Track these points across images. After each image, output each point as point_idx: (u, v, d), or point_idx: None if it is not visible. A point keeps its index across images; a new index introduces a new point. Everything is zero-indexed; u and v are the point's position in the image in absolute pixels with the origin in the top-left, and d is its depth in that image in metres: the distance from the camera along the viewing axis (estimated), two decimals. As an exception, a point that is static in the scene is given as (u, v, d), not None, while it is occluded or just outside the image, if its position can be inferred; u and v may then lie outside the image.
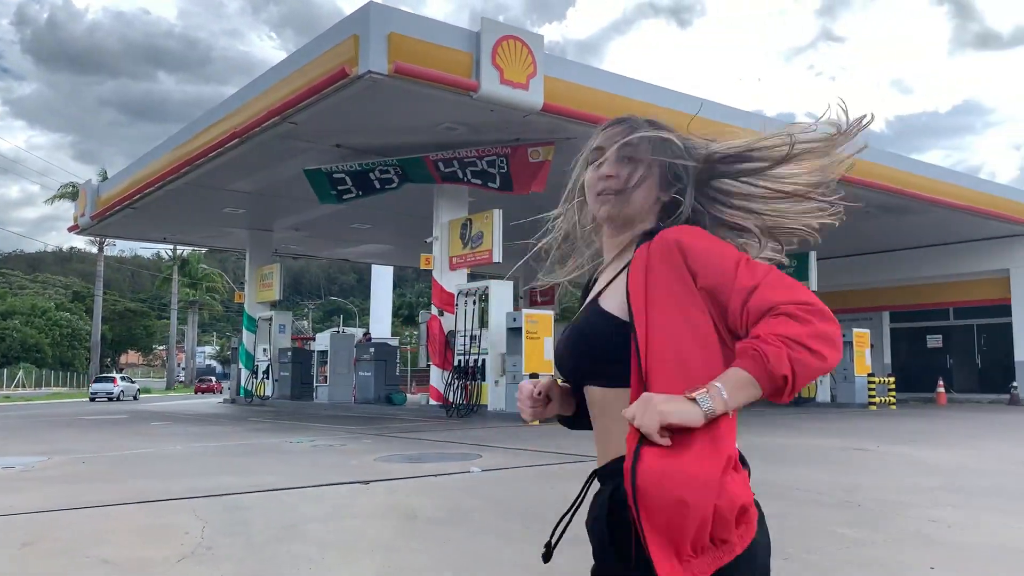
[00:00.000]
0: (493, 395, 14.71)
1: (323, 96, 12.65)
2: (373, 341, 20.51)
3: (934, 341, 26.77)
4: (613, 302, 1.39)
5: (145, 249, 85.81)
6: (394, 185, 15.62)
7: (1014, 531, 5.36)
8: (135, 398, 36.72)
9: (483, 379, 14.85)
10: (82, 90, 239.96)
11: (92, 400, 34.13)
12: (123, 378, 39.95)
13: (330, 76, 12.16)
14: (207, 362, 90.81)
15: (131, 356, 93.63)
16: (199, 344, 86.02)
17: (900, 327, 27.36)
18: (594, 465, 1.51)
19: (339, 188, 15.85)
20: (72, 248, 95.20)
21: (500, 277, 17.12)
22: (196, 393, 47.58)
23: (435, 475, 7.27)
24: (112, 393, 35.09)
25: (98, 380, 37.65)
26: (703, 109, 11.88)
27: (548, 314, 14.98)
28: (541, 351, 14.14)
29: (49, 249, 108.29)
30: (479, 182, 15.11)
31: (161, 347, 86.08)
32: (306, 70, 13.03)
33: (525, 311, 14.50)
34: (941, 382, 22.38)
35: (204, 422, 15.98)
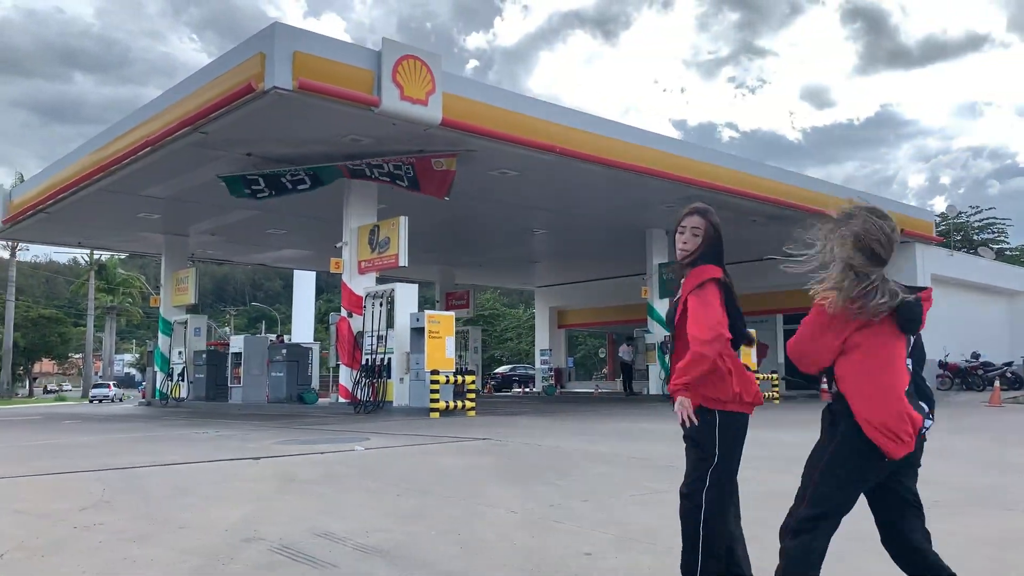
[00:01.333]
0: (398, 391, 15.60)
1: (232, 108, 13.35)
2: (285, 343, 21.16)
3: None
4: None
5: (60, 254, 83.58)
6: (306, 185, 16.39)
7: (783, 485, 6.54)
8: (121, 400, 43.06)
9: (389, 376, 15.73)
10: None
11: (90, 402, 41.33)
12: (116, 385, 51.60)
13: (238, 90, 12.90)
14: (126, 370, 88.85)
15: (45, 364, 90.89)
16: (118, 352, 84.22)
17: (792, 328, 29.22)
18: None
19: (253, 188, 16.55)
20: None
21: (409, 281, 18.08)
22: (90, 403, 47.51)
23: (321, 452, 8.18)
24: (109, 396, 44.01)
25: (97, 386, 47.28)
26: (594, 125, 13.21)
27: (449, 315, 15.98)
28: (443, 349, 15.12)
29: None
30: (388, 179, 16.01)
31: (78, 355, 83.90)
32: (216, 83, 13.73)
33: (427, 312, 15.45)
34: (824, 380, 24.06)
35: (117, 421, 16.43)
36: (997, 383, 20.22)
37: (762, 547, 3.42)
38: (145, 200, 19.41)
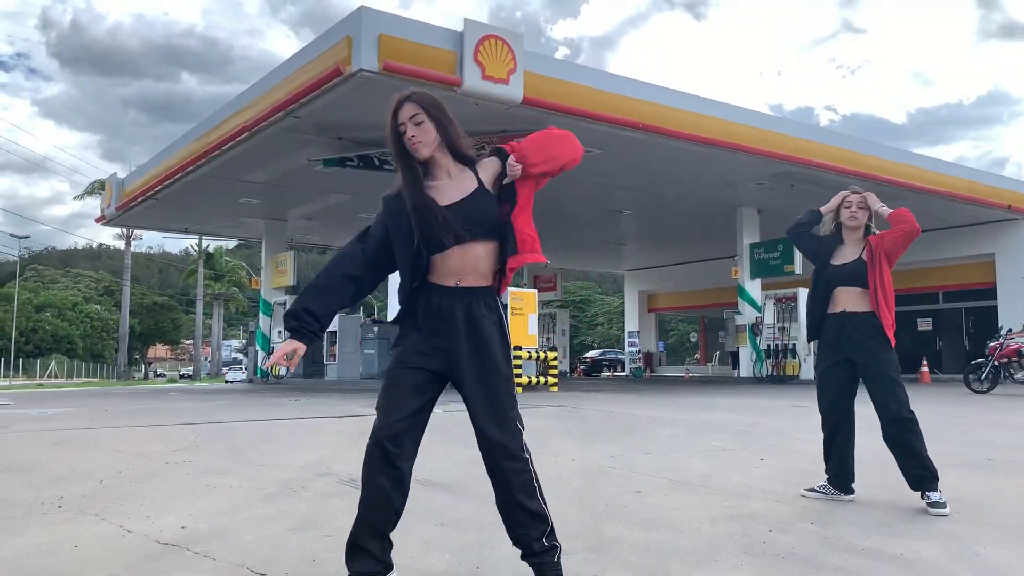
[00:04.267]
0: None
1: (322, 92, 13.85)
2: (376, 321, 21.81)
3: (924, 324, 27.61)
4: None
5: (171, 242, 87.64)
6: (392, 168, 16.85)
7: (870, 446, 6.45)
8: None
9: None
10: (107, 91, 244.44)
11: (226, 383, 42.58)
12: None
13: (327, 74, 13.36)
14: (233, 355, 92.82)
15: (159, 350, 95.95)
16: (225, 338, 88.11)
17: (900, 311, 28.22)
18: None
19: (344, 161, 17.10)
20: (101, 244, 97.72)
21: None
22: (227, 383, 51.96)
23: (401, 414, 8.48)
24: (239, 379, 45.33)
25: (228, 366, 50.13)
26: (680, 101, 13.16)
27: (531, 292, 16.18)
28: (525, 325, 15.32)
29: (80, 245, 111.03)
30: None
31: (188, 341, 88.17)
32: (307, 68, 14.24)
33: (510, 289, 15.67)
34: (925, 362, 23.21)
35: (218, 393, 17.32)
36: None
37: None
38: (245, 185, 20.28)
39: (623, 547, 3.13)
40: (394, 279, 2.88)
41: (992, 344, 16.16)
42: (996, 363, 15.47)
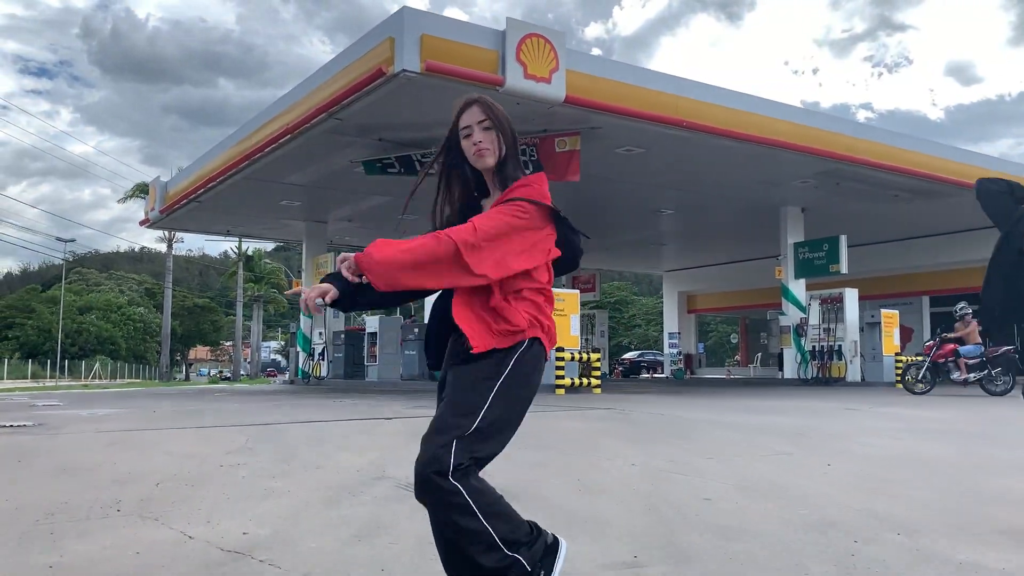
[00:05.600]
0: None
1: (364, 93, 13.83)
2: (416, 322, 21.80)
3: (972, 325, 26.91)
4: None
5: (212, 244, 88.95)
6: (433, 171, 16.78)
7: (921, 449, 6.25)
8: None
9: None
10: (147, 97, 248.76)
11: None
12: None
13: (369, 75, 13.34)
14: (272, 356, 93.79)
15: (199, 351, 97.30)
16: (264, 340, 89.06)
17: (940, 311, 27.55)
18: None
19: (384, 163, 17.07)
20: (143, 248, 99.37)
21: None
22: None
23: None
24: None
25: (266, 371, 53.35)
26: (722, 98, 12.99)
27: (574, 292, 16.04)
28: (568, 326, 15.17)
29: (122, 249, 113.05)
30: (515, 164, 16.20)
31: (228, 342, 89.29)
32: (349, 70, 14.25)
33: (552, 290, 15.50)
34: (971, 363, 22.62)
35: (262, 395, 17.41)
36: None
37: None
38: (286, 187, 20.40)
39: (703, 558, 2.98)
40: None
41: (928, 343, 16.26)
42: (932, 363, 15.33)
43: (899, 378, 20.22)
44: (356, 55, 14.22)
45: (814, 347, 21.05)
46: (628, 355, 41.97)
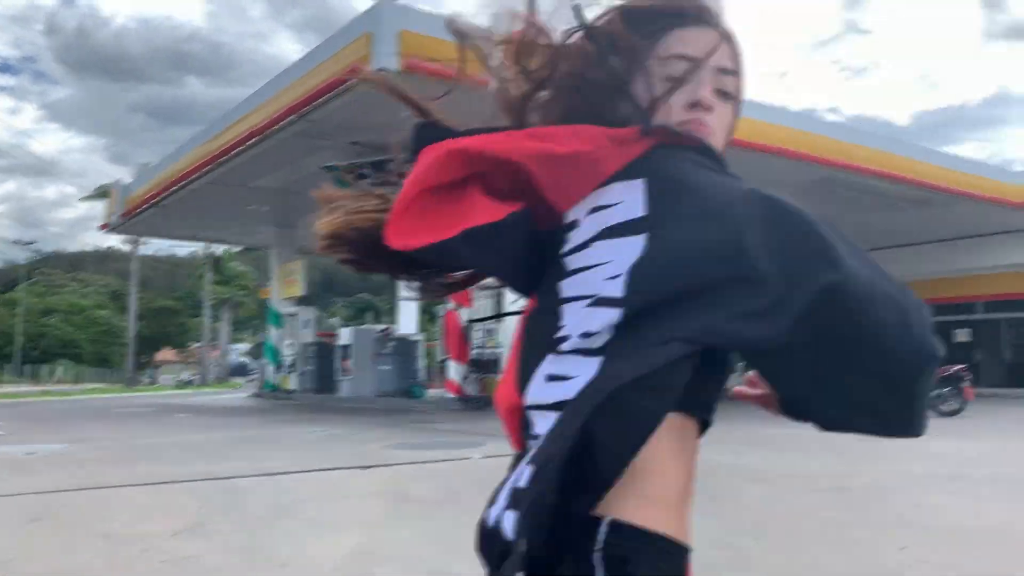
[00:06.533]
0: (509, 388, 14.88)
1: (337, 94, 12.87)
2: (393, 336, 20.80)
3: (962, 335, 26.42)
4: None
5: (180, 247, 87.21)
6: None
7: (992, 513, 5.41)
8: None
9: (498, 371, 15.02)
10: (113, 95, 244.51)
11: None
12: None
13: (343, 74, 12.37)
14: (240, 359, 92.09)
15: (166, 353, 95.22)
16: (233, 342, 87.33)
17: (942, 320, 27.04)
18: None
19: (359, 174, 16.09)
20: (109, 247, 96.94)
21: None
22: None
23: (435, 461, 7.45)
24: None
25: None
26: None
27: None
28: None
29: (87, 249, 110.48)
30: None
31: (196, 344, 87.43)
32: (321, 68, 13.25)
33: (539, 304, 14.64)
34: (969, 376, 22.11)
35: (228, 414, 16.32)
36: None
37: None
38: (254, 191, 19.31)
39: None
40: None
41: None
42: None
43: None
44: (330, 52, 13.24)
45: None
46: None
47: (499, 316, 14.86)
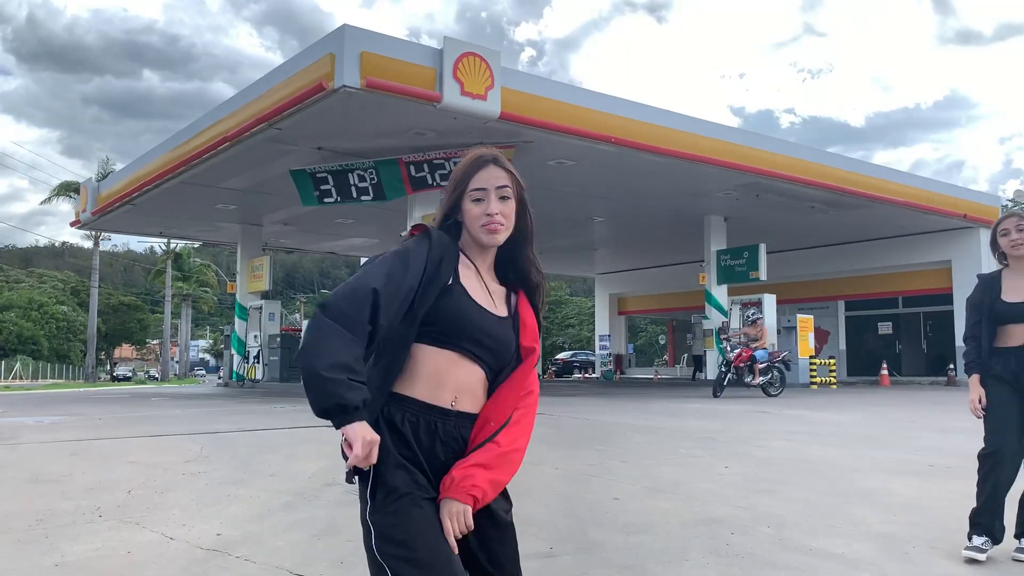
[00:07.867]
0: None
1: (304, 106, 14.25)
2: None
3: (885, 328, 28.59)
4: None
5: (139, 243, 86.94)
6: (369, 197, 17.12)
7: (811, 452, 7.05)
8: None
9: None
10: (66, 87, 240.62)
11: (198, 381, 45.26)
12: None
13: (310, 89, 13.74)
14: (200, 355, 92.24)
15: (125, 349, 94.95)
16: (192, 338, 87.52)
17: (854, 315, 29.14)
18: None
19: (321, 189, 17.40)
20: (65, 243, 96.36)
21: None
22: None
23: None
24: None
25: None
26: (650, 115, 13.77)
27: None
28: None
29: (42, 244, 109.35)
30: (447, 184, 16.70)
31: (155, 341, 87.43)
32: (289, 82, 14.61)
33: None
34: (884, 365, 24.14)
35: (199, 399, 17.60)
36: None
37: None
38: (223, 192, 20.55)
39: (607, 548, 3.65)
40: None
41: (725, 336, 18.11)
42: (734, 367, 16.56)
43: (812, 379, 21.53)
44: (296, 68, 14.60)
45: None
46: (561, 355, 42.92)
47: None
